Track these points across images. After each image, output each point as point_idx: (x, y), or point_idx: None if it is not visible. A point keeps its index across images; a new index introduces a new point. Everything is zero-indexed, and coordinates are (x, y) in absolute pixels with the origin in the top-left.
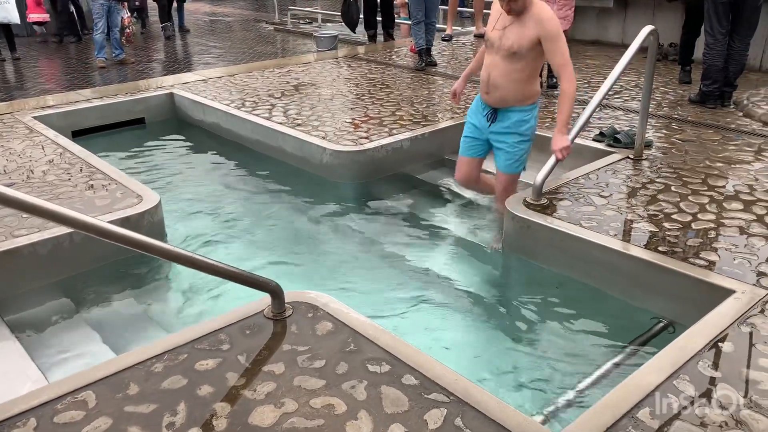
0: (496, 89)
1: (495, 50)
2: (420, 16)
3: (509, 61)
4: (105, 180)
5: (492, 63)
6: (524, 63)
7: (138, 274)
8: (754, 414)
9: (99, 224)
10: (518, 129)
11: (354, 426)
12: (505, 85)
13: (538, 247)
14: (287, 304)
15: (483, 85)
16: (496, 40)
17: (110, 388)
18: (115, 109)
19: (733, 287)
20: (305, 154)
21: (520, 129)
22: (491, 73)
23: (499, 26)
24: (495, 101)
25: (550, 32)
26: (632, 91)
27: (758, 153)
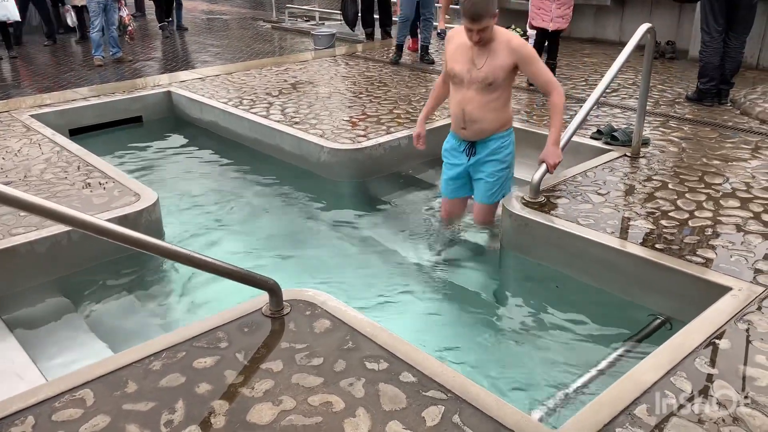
0: (473, 123)
1: (466, 84)
2: (409, 14)
3: (485, 93)
4: (102, 178)
5: (465, 98)
6: (500, 91)
7: (136, 273)
8: (751, 411)
9: (97, 222)
10: (498, 156)
11: (352, 423)
12: (483, 116)
13: (536, 244)
14: (285, 302)
15: (458, 121)
16: (466, 74)
17: (108, 386)
18: (112, 108)
19: (730, 284)
20: (303, 152)
21: (499, 156)
22: (465, 108)
23: (464, 60)
24: (473, 135)
25: (527, 57)
26: (629, 89)
27: (755, 150)
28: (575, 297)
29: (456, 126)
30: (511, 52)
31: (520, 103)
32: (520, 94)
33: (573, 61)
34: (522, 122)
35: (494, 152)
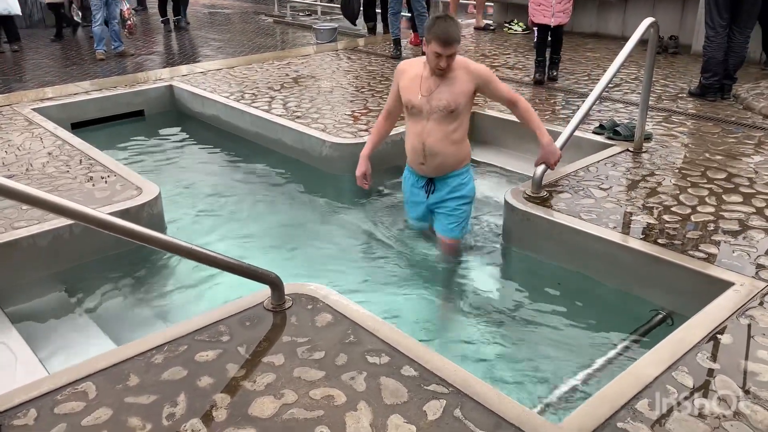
0: (434, 157)
1: (425, 116)
2: (397, 7)
3: (445, 123)
4: (104, 172)
5: (424, 130)
6: (459, 120)
7: (138, 266)
8: (753, 405)
9: (99, 215)
10: (459, 193)
11: (353, 417)
12: (444, 149)
13: (538, 239)
14: (287, 295)
15: (416, 156)
16: (425, 104)
17: (110, 379)
18: (114, 102)
19: (732, 279)
20: (305, 146)
21: (461, 192)
22: (425, 141)
23: (423, 91)
24: (432, 170)
25: (486, 77)
26: (632, 83)
27: (758, 146)
28: (577, 292)
29: (414, 161)
30: (470, 75)
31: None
32: (523, 88)
33: (575, 55)
34: None
35: (455, 189)
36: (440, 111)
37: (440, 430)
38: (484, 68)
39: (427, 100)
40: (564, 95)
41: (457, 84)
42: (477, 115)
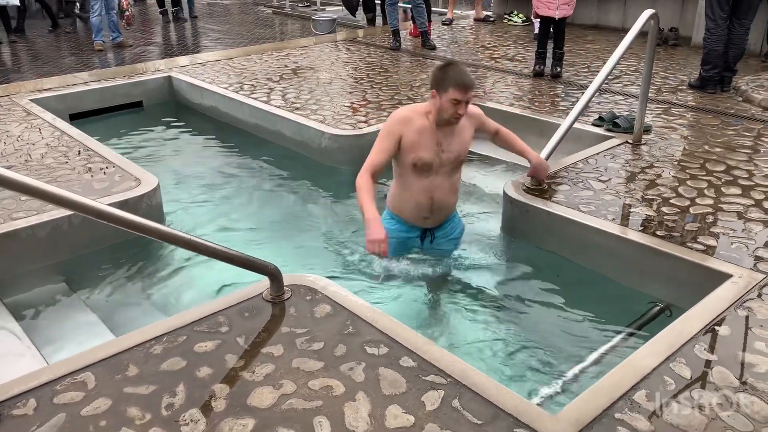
0: (441, 210)
1: (435, 170)
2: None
3: (453, 174)
4: (103, 163)
5: (433, 185)
6: (461, 167)
7: (137, 257)
8: (750, 396)
9: (97, 206)
10: (453, 235)
11: (352, 407)
12: (450, 199)
13: (536, 231)
14: (286, 287)
15: (420, 211)
16: (435, 158)
17: (109, 369)
18: (112, 92)
19: (730, 271)
20: (303, 138)
21: (455, 234)
22: (434, 195)
23: (431, 144)
24: (436, 222)
25: (481, 116)
26: (632, 75)
27: (757, 138)
28: (575, 283)
29: (416, 216)
30: (470, 120)
31: (522, 90)
32: (522, 80)
33: (575, 47)
34: (524, 109)
35: (450, 232)
36: (451, 164)
37: (438, 420)
38: (476, 108)
39: (436, 153)
40: (563, 87)
41: (464, 132)
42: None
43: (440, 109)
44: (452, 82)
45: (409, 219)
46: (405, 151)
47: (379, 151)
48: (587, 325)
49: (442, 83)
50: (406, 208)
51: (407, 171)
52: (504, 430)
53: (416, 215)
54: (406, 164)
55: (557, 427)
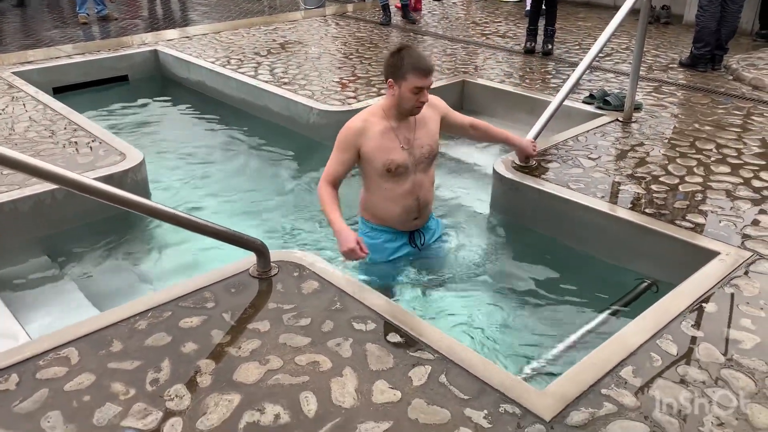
0: (427, 207)
1: (412, 170)
2: None
3: (429, 168)
4: (87, 137)
5: (415, 185)
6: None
7: (121, 233)
8: (734, 372)
9: (82, 180)
10: (438, 231)
11: (339, 382)
12: (432, 194)
13: (526, 208)
14: (273, 263)
15: (409, 215)
16: (408, 158)
17: (93, 344)
18: (97, 66)
19: (718, 249)
20: (291, 113)
21: (438, 229)
22: (419, 195)
23: (398, 146)
24: (424, 220)
25: (445, 107)
26: (623, 53)
27: (747, 117)
28: (564, 260)
29: (404, 220)
30: (433, 110)
31: (513, 67)
32: (513, 57)
33: (567, 24)
34: (515, 86)
35: (434, 228)
36: (425, 160)
37: (425, 395)
38: (437, 99)
39: (410, 152)
40: (554, 64)
41: (429, 124)
42: (467, 84)
43: (400, 101)
44: (410, 68)
45: (397, 225)
46: (371, 159)
47: (338, 163)
48: (575, 302)
49: (398, 71)
50: (391, 215)
51: (383, 178)
52: (491, 405)
53: (405, 219)
54: (379, 171)
55: (544, 402)
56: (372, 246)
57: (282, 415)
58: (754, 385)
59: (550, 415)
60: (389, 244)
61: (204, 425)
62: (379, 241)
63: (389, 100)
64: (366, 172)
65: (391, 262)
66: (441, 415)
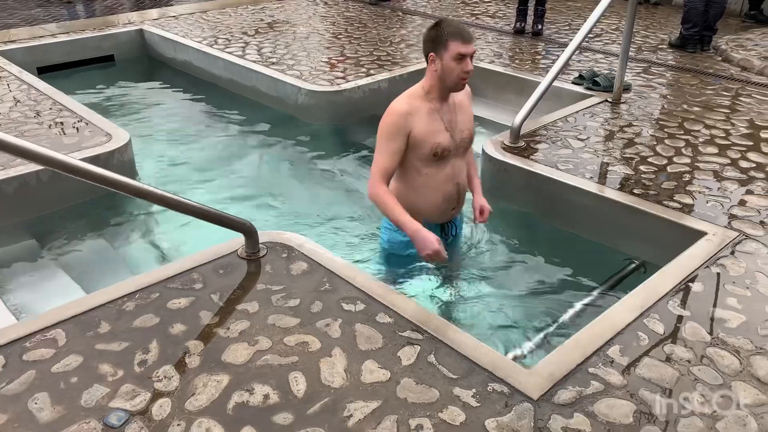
0: (464, 195)
1: (452, 155)
2: None
3: (466, 155)
4: (73, 118)
5: (455, 170)
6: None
7: (108, 214)
8: (719, 351)
9: (67, 160)
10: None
11: (328, 362)
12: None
13: (515, 189)
14: (261, 244)
15: (449, 204)
16: (452, 141)
17: (80, 326)
18: (82, 45)
19: (705, 229)
20: (280, 93)
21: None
22: (459, 181)
23: (443, 128)
24: (458, 211)
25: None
26: (613, 34)
27: (735, 98)
28: (553, 241)
29: (443, 211)
30: (468, 97)
31: (503, 47)
32: (503, 37)
33: (557, 5)
34: (504, 66)
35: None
36: (465, 144)
37: (414, 374)
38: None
39: (451, 135)
40: (544, 45)
41: (466, 109)
42: None
43: (444, 74)
44: (451, 36)
45: (433, 217)
46: (419, 143)
47: (389, 154)
48: (563, 282)
49: (439, 41)
50: (429, 206)
51: (425, 163)
52: (479, 384)
53: (444, 208)
54: (424, 156)
55: (532, 381)
56: (406, 243)
57: (271, 395)
58: (739, 364)
59: (537, 393)
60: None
61: (193, 406)
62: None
63: (430, 78)
64: (408, 157)
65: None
66: (430, 394)
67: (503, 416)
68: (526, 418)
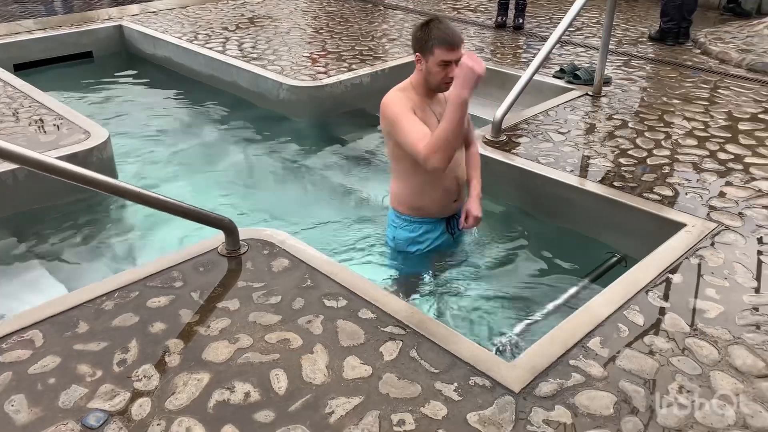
0: (464, 188)
1: None
2: None
3: (462, 147)
4: (50, 115)
5: (454, 163)
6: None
7: (87, 213)
8: (699, 341)
9: (44, 159)
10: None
11: (309, 359)
12: (465, 176)
13: (497, 183)
14: (242, 241)
15: (450, 197)
16: None
17: (58, 326)
18: (60, 42)
19: (684, 221)
20: (261, 89)
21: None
22: (457, 174)
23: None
24: (460, 203)
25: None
26: (593, 27)
27: (714, 90)
28: (534, 234)
29: (444, 205)
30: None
31: (484, 41)
32: (484, 31)
33: None
34: (486, 60)
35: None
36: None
37: (396, 369)
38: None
39: None
40: (525, 39)
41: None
42: None
43: (428, 76)
44: (437, 41)
45: (436, 212)
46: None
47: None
48: (545, 276)
49: (425, 44)
50: (430, 200)
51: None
52: (461, 378)
53: (445, 203)
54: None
55: (513, 374)
56: (412, 239)
57: (252, 393)
58: (717, 354)
59: (519, 386)
60: (429, 235)
61: (173, 405)
62: (419, 233)
63: (418, 75)
64: (402, 156)
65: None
66: (412, 389)
67: (485, 410)
68: (507, 411)
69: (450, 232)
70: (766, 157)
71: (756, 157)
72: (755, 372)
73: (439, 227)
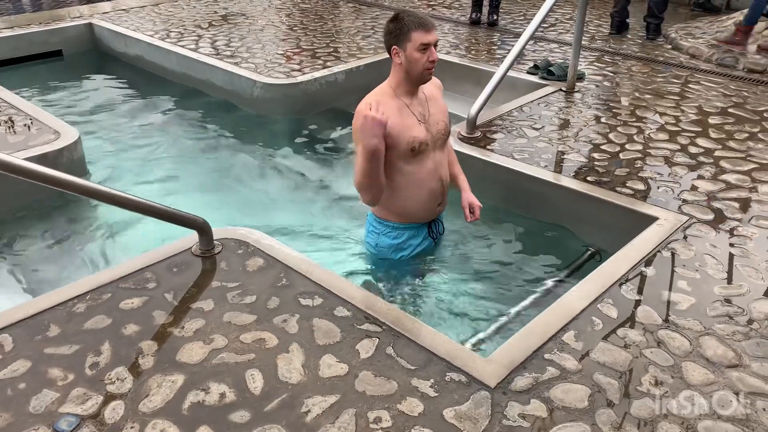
0: (447, 190)
1: (431, 149)
2: None
3: (445, 147)
4: (19, 115)
5: (436, 163)
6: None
7: (58, 214)
8: (671, 333)
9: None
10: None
11: (285, 359)
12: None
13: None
14: (216, 241)
15: (434, 200)
16: (427, 134)
17: (28, 330)
18: (28, 40)
19: (656, 214)
20: (234, 87)
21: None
22: (441, 175)
23: (416, 122)
24: (444, 207)
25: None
26: (567, 23)
27: (684, 85)
28: (510, 230)
29: (429, 209)
30: (438, 88)
31: (459, 38)
32: (459, 28)
33: None
34: (461, 57)
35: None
36: (442, 137)
37: (372, 367)
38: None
39: (427, 128)
40: (500, 35)
41: (438, 100)
42: None
43: (409, 65)
44: (412, 25)
45: (421, 216)
46: (394, 140)
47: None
48: (520, 271)
49: (400, 33)
50: (415, 205)
51: (405, 161)
52: (437, 374)
53: (430, 207)
54: (402, 153)
55: (488, 369)
56: (396, 246)
57: (227, 393)
58: (689, 345)
59: (494, 381)
60: (412, 241)
61: (147, 407)
62: (403, 240)
63: (396, 73)
64: (385, 160)
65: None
66: (388, 386)
67: (461, 405)
68: (483, 406)
69: (432, 237)
70: (735, 151)
71: (726, 151)
72: (725, 362)
73: (421, 232)
